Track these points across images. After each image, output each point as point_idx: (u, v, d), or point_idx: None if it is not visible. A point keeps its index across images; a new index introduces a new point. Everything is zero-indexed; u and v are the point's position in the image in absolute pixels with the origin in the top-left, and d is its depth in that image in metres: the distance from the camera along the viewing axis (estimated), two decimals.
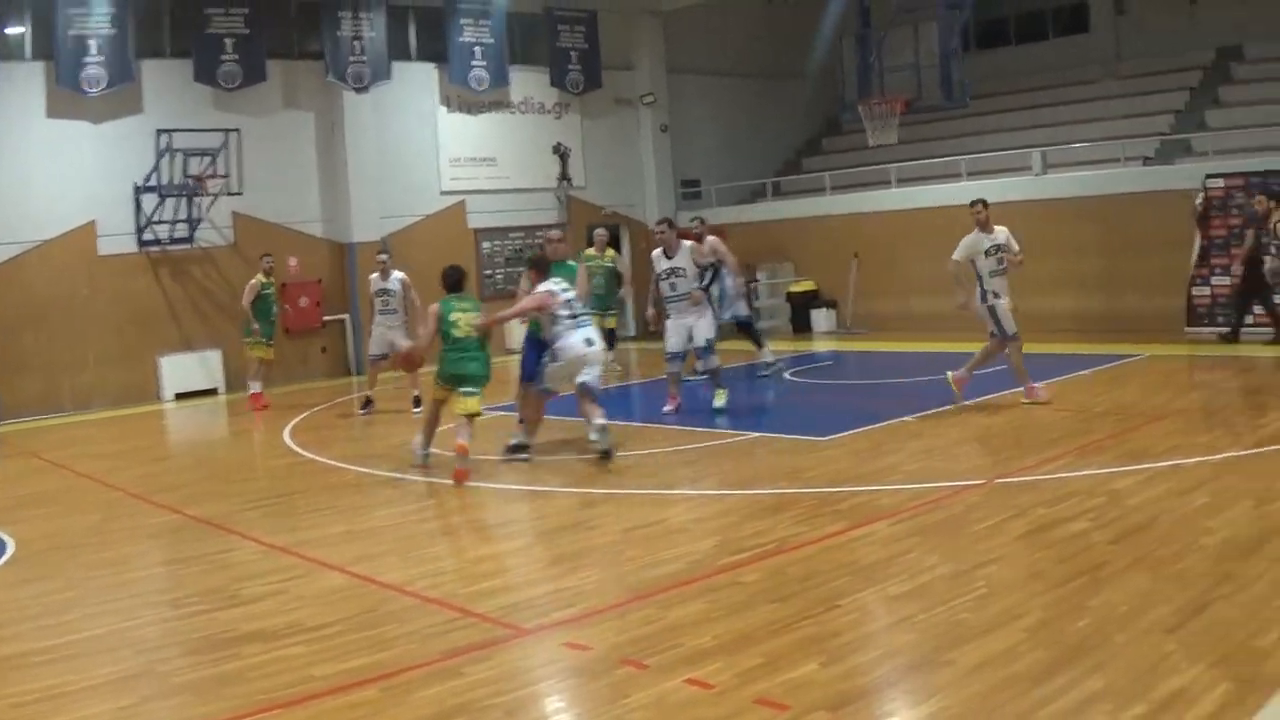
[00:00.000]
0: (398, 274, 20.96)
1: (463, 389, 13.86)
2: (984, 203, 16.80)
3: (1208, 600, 7.36)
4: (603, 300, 21.49)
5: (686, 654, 7.18)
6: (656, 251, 17.83)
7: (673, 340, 17.40)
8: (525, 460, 14.30)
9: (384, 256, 21.30)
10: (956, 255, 16.50)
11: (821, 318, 29.65)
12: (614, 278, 21.82)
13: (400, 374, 20.00)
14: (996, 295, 16.25)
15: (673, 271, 17.41)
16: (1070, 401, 16.03)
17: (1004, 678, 6.41)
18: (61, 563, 11.04)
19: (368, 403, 20.84)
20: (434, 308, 14.21)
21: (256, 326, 21.96)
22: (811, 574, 8.69)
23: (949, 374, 16.48)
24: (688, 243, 17.94)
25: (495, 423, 17.41)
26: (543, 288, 14.17)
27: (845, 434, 14.74)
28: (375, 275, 21.05)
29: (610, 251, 21.24)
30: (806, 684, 6.51)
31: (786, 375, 20.93)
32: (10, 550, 11.66)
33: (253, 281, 22.06)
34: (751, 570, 8.87)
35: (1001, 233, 16.43)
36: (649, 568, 9.23)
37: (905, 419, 15.36)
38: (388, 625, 8.23)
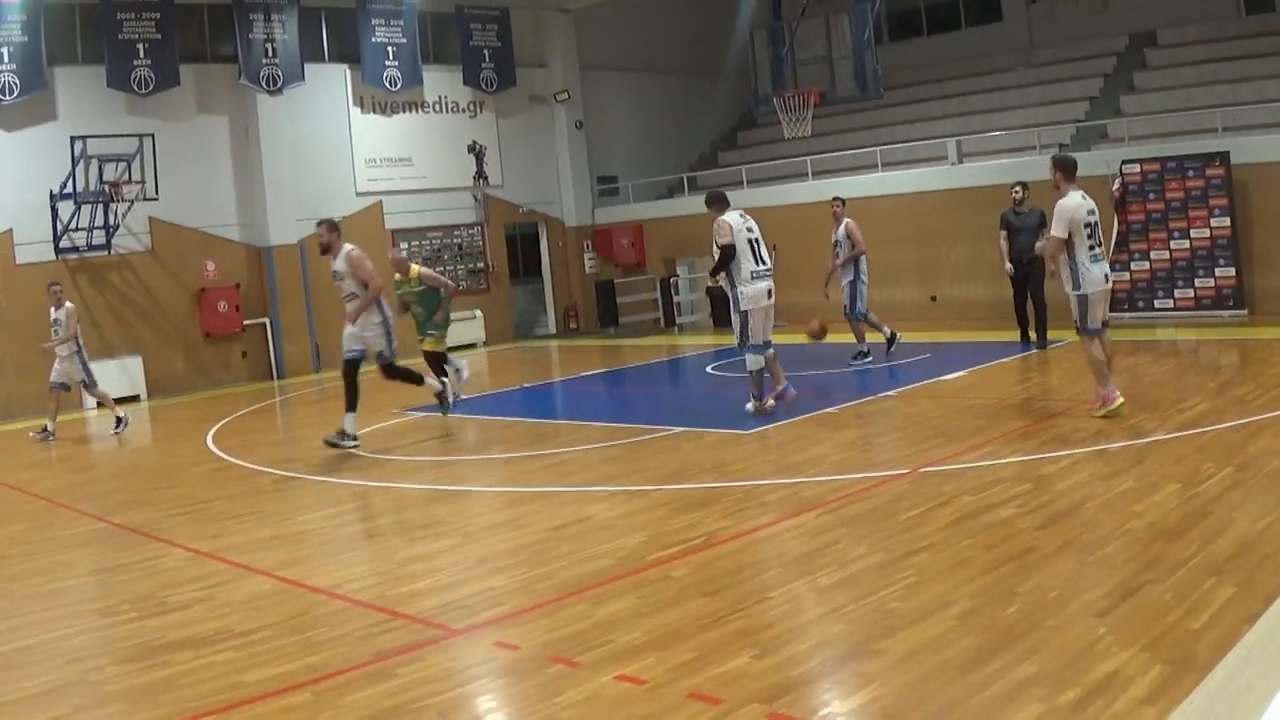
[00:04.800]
0: (68, 304, 20.71)
1: None
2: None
3: (1137, 584, 7.41)
4: (425, 325, 19.07)
5: (617, 650, 7.19)
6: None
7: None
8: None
9: (56, 287, 20.96)
10: (1057, 231, 13.16)
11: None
12: (432, 297, 19.07)
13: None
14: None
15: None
16: (992, 389, 16.17)
17: (936, 665, 6.43)
18: None
19: (45, 430, 20.64)
20: None
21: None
22: (741, 567, 8.74)
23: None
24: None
25: (421, 422, 17.43)
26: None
27: (770, 426, 14.80)
28: (52, 306, 20.74)
29: (415, 269, 19.23)
30: (740, 677, 6.53)
31: (708, 370, 21.00)
32: None
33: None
34: (681, 565, 8.90)
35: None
36: (577, 565, 9.23)
37: (829, 410, 15.43)
38: (318, 629, 8.20)
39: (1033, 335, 19.97)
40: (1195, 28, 28.71)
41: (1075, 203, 13.08)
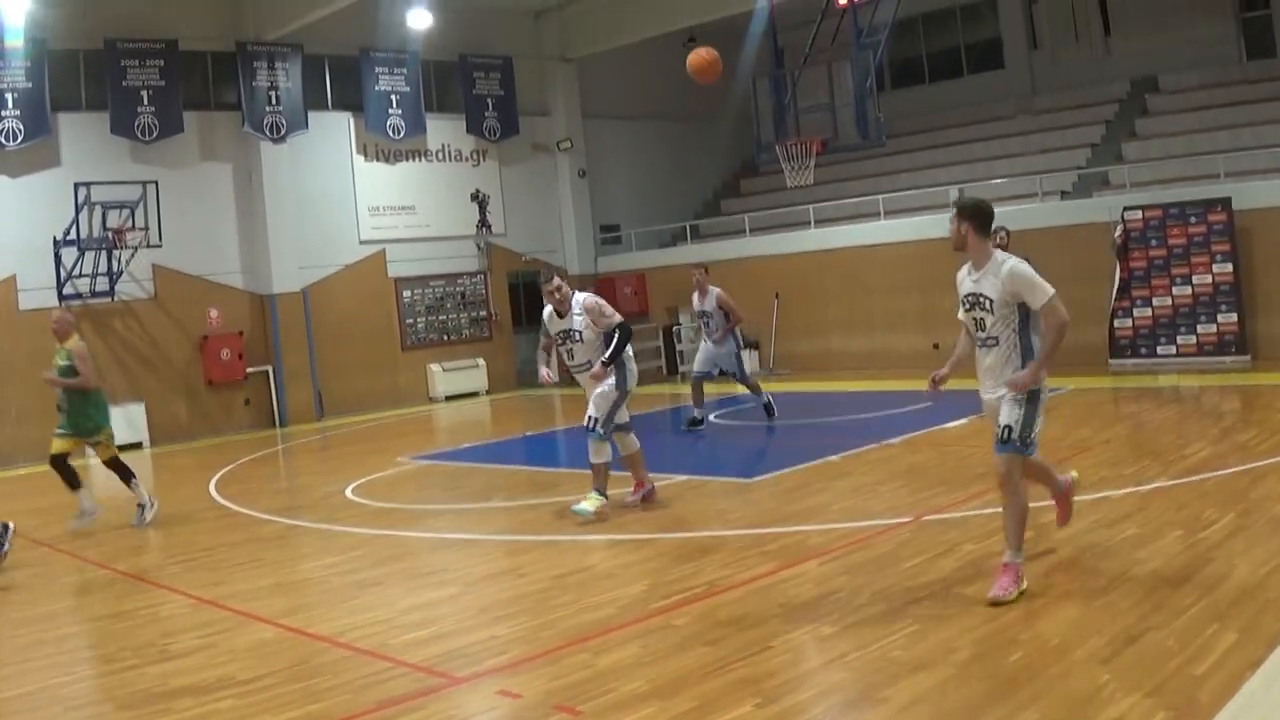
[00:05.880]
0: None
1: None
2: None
3: (1140, 630, 7.41)
4: (74, 419, 15.69)
5: (620, 699, 7.17)
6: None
7: None
8: None
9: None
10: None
11: (745, 359, 29.73)
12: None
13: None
14: None
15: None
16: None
17: (938, 713, 6.44)
18: None
19: None
20: None
21: None
22: (743, 615, 8.70)
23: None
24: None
25: (424, 470, 17.43)
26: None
27: (771, 474, 14.79)
28: None
29: (72, 341, 15.40)
30: None
31: (712, 418, 21.00)
32: None
33: None
34: (682, 613, 8.88)
35: None
36: (579, 613, 9.22)
37: (830, 458, 15.42)
38: (320, 677, 8.19)
39: None
40: (1197, 73, 28.82)
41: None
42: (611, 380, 13.23)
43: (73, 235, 24.65)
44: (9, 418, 24.28)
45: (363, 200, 30.15)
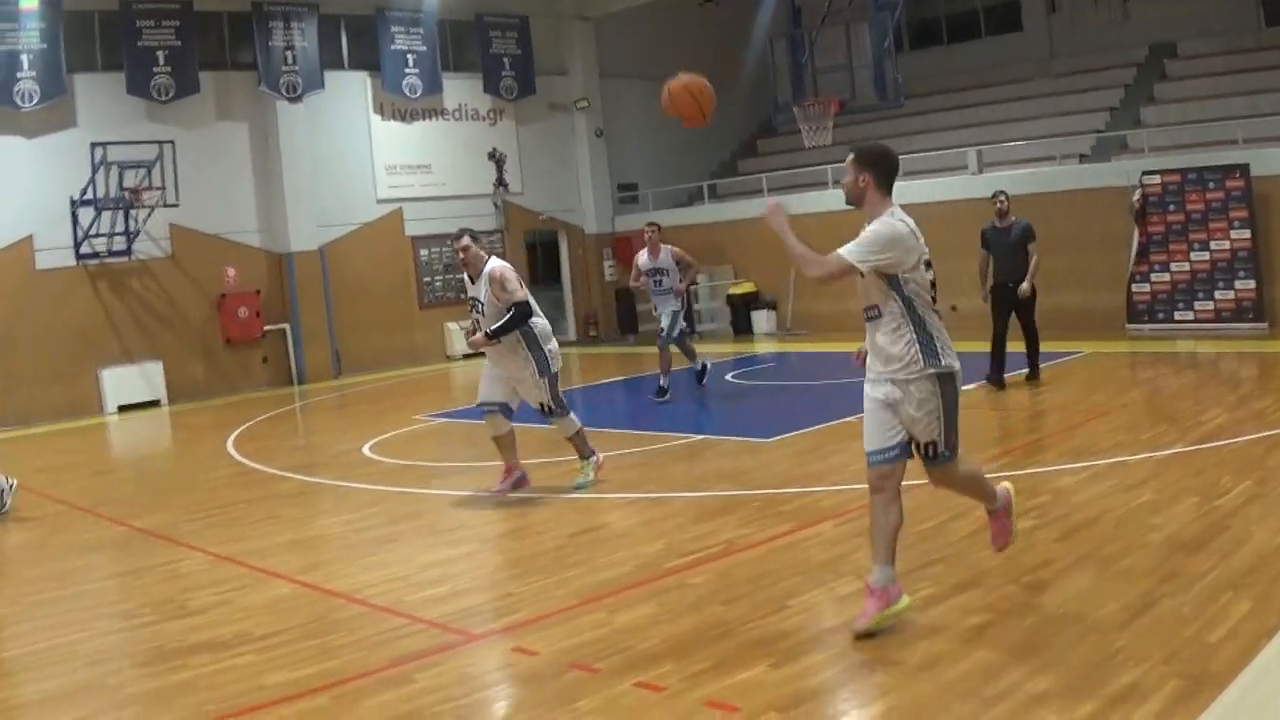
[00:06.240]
0: None
1: None
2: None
3: (1155, 597, 7.38)
4: None
5: (636, 657, 7.19)
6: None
7: None
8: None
9: None
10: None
11: (762, 319, 29.75)
12: None
13: None
14: None
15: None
16: (1011, 400, 16.12)
17: (952, 677, 6.42)
18: (2, 578, 11.03)
19: None
20: None
21: None
22: (759, 575, 8.71)
23: None
24: None
25: (440, 428, 17.46)
26: None
27: (788, 435, 14.79)
28: None
29: None
30: (757, 685, 6.53)
31: (729, 378, 20.99)
32: None
33: None
34: (699, 572, 8.90)
35: None
36: (596, 572, 9.24)
37: (846, 419, 15.36)
38: (336, 633, 8.22)
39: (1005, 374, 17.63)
40: (1215, 39, 28.64)
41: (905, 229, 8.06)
42: (533, 368, 12.43)
43: (89, 195, 24.66)
44: (26, 377, 24.33)
45: (380, 159, 30.09)
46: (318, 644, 8.06)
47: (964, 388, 7.81)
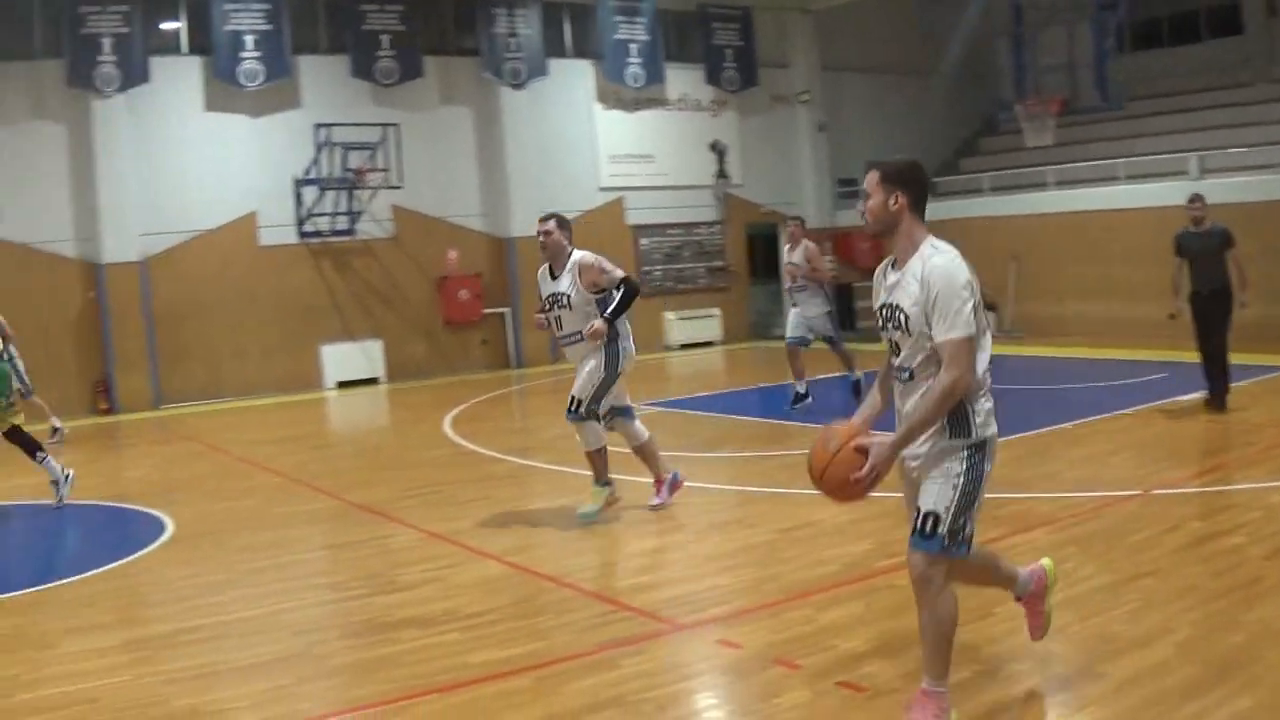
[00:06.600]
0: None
1: None
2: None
3: None
4: None
5: (839, 656, 7.10)
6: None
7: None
8: None
9: None
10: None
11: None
12: None
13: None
14: None
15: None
16: (1229, 412, 15.63)
17: (1155, 692, 6.24)
18: (218, 545, 11.25)
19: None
20: None
21: None
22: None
23: None
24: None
25: (656, 418, 17.45)
26: None
27: (1004, 439, 14.43)
28: None
29: None
30: (958, 691, 6.32)
31: None
32: (169, 531, 11.91)
33: None
34: (906, 574, 8.74)
35: None
36: (805, 568, 9.14)
37: (1064, 425, 15.04)
38: (544, 615, 8.24)
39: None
40: None
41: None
42: (601, 357, 11.60)
43: (313, 175, 25.16)
44: (250, 350, 24.88)
45: (602, 148, 30.23)
46: (524, 625, 8.08)
47: (1184, 398, 7.53)
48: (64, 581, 10.10)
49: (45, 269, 23.59)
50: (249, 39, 24.96)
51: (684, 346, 30.05)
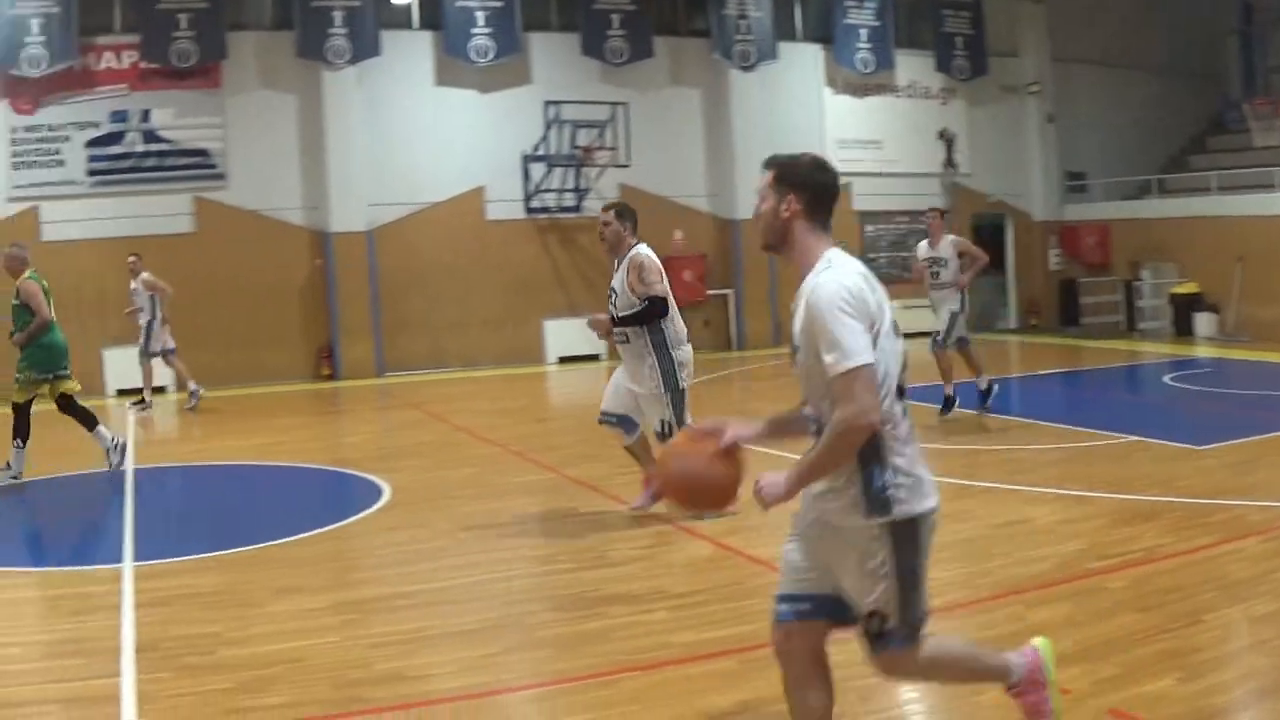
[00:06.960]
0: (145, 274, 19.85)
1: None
2: None
3: None
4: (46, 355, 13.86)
5: None
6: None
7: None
8: None
9: (133, 259, 19.99)
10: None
11: (1203, 322, 28.64)
12: (24, 317, 13.74)
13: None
14: None
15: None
16: None
17: None
18: (433, 512, 11.55)
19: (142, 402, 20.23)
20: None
21: None
22: (1177, 586, 8.39)
23: None
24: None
25: None
26: None
27: (1223, 444, 14.18)
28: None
29: (27, 275, 13.80)
30: (1162, 698, 6.31)
31: (1167, 379, 20.35)
32: (386, 496, 12.27)
33: None
34: (1117, 577, 8.64)
35: None
36: (1016, 565, 9.09)
37: None
38: (753, 599, 8.21)
39: None
40: None
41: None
42: (657, 379, 11.14)
43: (541, 151, 25.49)
44: (474, 321, 25.33)
45: (830, 133, 30.10)
46: (733, 607, 8.14)
47: None
48: (278, 542, 10.42)
49: (273, 236, 24.35)
50: (480, 15, 25.42)
51: (908, 335, 29.78)
